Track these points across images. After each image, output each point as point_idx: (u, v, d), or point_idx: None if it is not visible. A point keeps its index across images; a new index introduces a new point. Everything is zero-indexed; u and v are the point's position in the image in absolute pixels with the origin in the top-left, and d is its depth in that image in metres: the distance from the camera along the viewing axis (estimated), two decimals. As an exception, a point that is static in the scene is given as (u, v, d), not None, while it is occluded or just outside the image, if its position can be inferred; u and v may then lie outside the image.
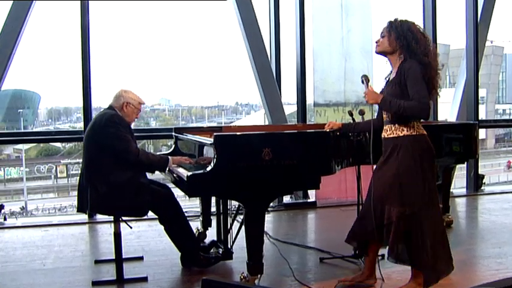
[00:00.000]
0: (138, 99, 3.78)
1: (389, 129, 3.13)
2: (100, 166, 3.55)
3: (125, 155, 3.52)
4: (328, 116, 6.25)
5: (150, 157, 3.67)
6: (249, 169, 3.20)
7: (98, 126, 3.61)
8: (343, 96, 6.26)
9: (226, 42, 34.39)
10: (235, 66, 22.13)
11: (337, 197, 6.23)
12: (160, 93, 34.09)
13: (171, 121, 30.39)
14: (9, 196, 23.12)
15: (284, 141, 3.37)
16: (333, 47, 6.31)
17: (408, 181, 3.04)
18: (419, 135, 3.09)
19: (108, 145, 3.53)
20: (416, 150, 3.06)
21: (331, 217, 5.71)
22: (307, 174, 3.36)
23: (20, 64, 33.60)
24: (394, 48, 3.09)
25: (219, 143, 3.23)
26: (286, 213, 5.76)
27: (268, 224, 5.00)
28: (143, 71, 38.99)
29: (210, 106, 31.05)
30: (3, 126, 24.56)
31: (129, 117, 3.74)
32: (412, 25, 3.10)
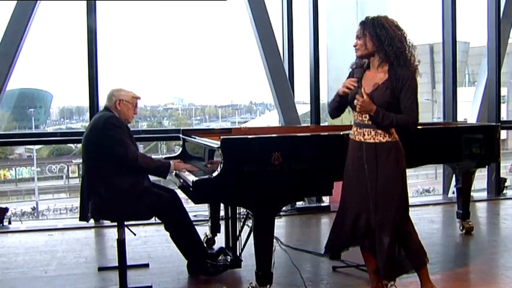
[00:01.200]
0: (131, 94, 3.68)
1: (367, 133, 3.03)
2: (101, 171, 3.46)
3: (123, 160, 3.43)
4: (343, 117, 5.98)
5: (149, 163, 3.56)
6: (258, 174, 3.11)
7: (95, 129, 3.52)
8: None
9: (240, 41, 34.22)
10: (249, 65, 22.06)
11: None
12: (174, 93, 34.25)
13: (184, 120, 30.50)
14: (21, 196, 23.30)
15: (295, 145, 3.27)
16: (348, 45, 5.99)
17: (393, 188, 3.00)
18: (397, 141, 3.04)
19: (107, 149, 3.44)
20: (398, 157, 3.02)
21: None
22: (319, 179, 3.28)
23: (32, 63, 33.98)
24: (372, 49, 2.99)
25: (226, 146, 3.15)
26: (299, 218, 5.63)
27: (279, 230, 5.00)
28: (156, 70, 39.13)
29: (224, 105, 31.11)
30: (14, 125, 24.76)
31: (125, 115, 3.63)
32: (384, 20, 2.99)
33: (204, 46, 37.80)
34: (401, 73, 2.94)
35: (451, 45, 6.74)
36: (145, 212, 3.51)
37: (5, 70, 5.33)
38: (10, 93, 25.23)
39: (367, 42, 2.99)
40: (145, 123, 29.63)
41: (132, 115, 3.72)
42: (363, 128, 3.05)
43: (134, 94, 3.71)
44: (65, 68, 38.38)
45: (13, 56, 5.33)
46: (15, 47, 5.31)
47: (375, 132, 3.01)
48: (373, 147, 3.00)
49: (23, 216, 20.26)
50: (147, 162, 3.54)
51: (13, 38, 5.28)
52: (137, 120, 29.47)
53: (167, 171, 3.59)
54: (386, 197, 2.98)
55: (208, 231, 4.61)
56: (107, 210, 3.46)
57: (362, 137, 3.05)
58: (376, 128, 3.00)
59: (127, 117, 3.67)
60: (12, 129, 24.83)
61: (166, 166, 3.60)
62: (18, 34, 5.28)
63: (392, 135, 3.01)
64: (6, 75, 5.36)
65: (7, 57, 5.32)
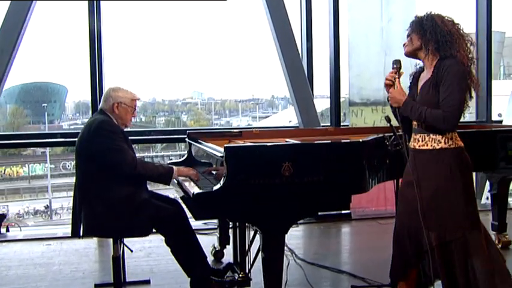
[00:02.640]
0: (131, 96, 3.49)
1: (421, 139, 2.82)
2: (95, 182, 3.27)
3: (120, 168, 3.24)
4: (365, 117, 5.88)
5: (150, 169, 3.36)
6: (266, 187, 2.88)
7: (86, 136, 3.33)
8: (382, 94, 5.80)
9: (261, 33, 33.89)
10: (272, 58, 21.67)
11: (375, 207, 5.90)
12: (193, 86, 34.16)
13: (203, 115, 30.46)
14: (34, 194, 23.47)
15: (307, 154, 3.01)
16: (371, 39, 5.92)
17: (449, 202, 2.76)
18: (458, 148, 2.79)
19: (101, 157, 3.25)
20: (456, 166, 2.77)
21: (367, 232, 5.37)
22: (335, 193, 3.03)
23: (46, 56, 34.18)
24: (417, 43, 2.82)
25: (229, 156, 2.90)
26: (317, 227, 5.41)
27: (295, 240, 4.83)
28: (175, 64, 39.12)
29: (245, 99, 30.94)
30: (28, 120, 24.95)
31: (123, 119, 3.45)
32: (435, 15, 2.81)
33: (224, 39, 37.69)
34: (443, 63, 2.72)
35: (485, 35, 6.45)
36: (143, 226, 3.31)
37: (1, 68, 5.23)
38: (24, 87, 25.46)
39: (413, 38, 2.84)
40: (162, 119, 29.65)
41: (131, 119, 3.54)
42: (417, 133, 2.85)
43: (133, 95, 3.52)
44: (81, 61, 38.50)
45: (9, 55, 5.23)
46: (11, 48, 5.22)
47: (428, 137, 2.79)
48: (427, 155, 2.79)
49: (36, 215, 20.46)
50: (147, 169, 3.34)
51: (8, 39, 5.21)
52: (154, 116, 29.54)
53: (170, 177, 3.40)
54: (443, 212, 2.76)
55: (216, 242, 4.41)
56: (100, 225, 3.26)
57: (416, 143, 2.85)
58: (430, 132, 2.77)
59: (124, 121, 3.49)
60: (26, 124, 25.08)
61: (168, 172, 3.40)
62: (13, 34, 5.21)
63: (452, 140, 2.78)
64: (3, 74, 5.25)
65: (3, 56, 5.22)
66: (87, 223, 3.27)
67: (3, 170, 24.20)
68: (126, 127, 3.55)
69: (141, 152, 23.62)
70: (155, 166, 3.45)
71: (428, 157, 2.78)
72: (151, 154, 24.68)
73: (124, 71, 35.67)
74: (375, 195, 5.81)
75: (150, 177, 3.37)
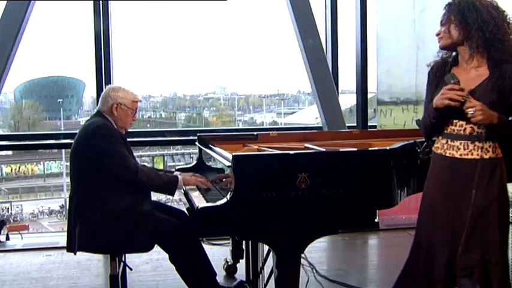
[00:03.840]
0: (131, 97, 3.32)
1: (463, 147, 2.56)
2: (91, 191, 3.11)
3: (119, 175, 3.08)
4: (395, 117, 5.60)
5: (153, 177, 3.18)
6: (279, 201, 2.67)
7: (82, 140, 3.17)
8: (414, 92, 5.56)
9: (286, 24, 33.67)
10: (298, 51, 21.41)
11: (405, 216, 5.60)
12: (215, 81, 34.15)
13: (226, 111, 30.42)
14: (49, 193, 23.62)
15: (326, 164, 2.80)
16: (402, 31, 5.64)
17: (496, 220, 2.53)
18: (502, 158, 2.57)
19: (97, 164, 3.08)
20: (503, 178, 2.56)
21: (396, 245, 5.07)
22: (358, 208, 2.82)
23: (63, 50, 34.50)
24: (458, 37, 2.54)
25: (238, 166, 2.70)
26: (341, 238, 5.16)
27: (316, 253, 4.60)
28: (197, 57, 39.16)
29: (269, 95, 30.79)
30: (44, 116, 25.16)
31: (122, 122, 3.29)
32: (477, 1, 2.52)
33: (248, 31, 37.52)
34: (510, 68, 2.48)
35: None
36: (143, 241, 3.13)
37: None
38: (40, 82, 25.69)
39: (451, 29, 2.56)
40: (183, 115, 29.69)
41: (131, 122, 3.37)
42: (456, 140, 2.58)
43: (134, 97, 3.35)
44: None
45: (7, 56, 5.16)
46: (8, 49, 5.15)
47: (473, 145, 2.54)
48: (472, 165, 2.53)
49: (51, 215, 20.59)
50: (149, 177, 3.17)
51: (5, 40, 5.14)
52: (174, 112, 29.58)
53: (174, 187, 3.22)
54: (490, 229, 2.53)
55: (229, 255, 4.21)
56: (96, 239, 3.08)
57: (456, 151, 2.59)
58: (477, 140, 2.53)
59: (124, 124, 3.32)
60: (42, 120, 25.28)
61: (173, 181, 3.23)
62: (11, 36, 5.14)
63: (497, 149, 2.56)
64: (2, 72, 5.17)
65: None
66: (81, 237, 3.10)
67: (17, 168, 24.42)
68: (126, 131, 3.39)
69: (159, 150, 23.63)
70: (158, 174, 3.26)
71: (473, 168, 2.52)
72: (171, 152, 24.68)
73: (144, 64, 35.82)
74: (405, 203, 5.48)
75: (152, 186, 3.20)
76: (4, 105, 27.14)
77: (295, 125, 18.47)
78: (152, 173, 3.22)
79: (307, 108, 26.46)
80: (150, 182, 3.15)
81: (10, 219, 19.55)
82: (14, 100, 26.33)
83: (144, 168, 3.24)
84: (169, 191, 3.24)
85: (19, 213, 20.50)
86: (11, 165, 24.24)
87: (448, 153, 2.61)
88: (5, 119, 26.38)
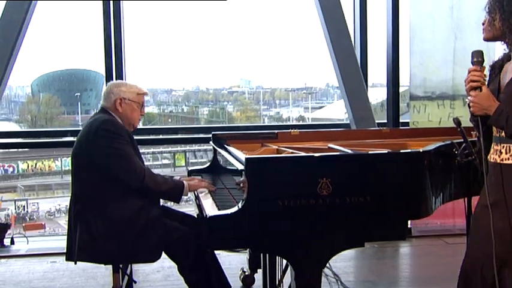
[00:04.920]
0: (136, 90, 3.18)
1: (505, 150, 2.40)
2: (93, 195, 2.98)
3: (124, 179, 2.95)
4: (430, 114, 5.44)
5: (159, 183, 3.04)
6: (297, 210, 2.53)
7: (85, 138, 3.03)
8: (450, 86, 5.39)
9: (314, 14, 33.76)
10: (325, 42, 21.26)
11: (441, 221, 5.47)
12: (240, 74, 34.19)
13: (250, 105, 30.45)
14: (67, 190, 23.75)
15: (350, 168, 2.64)
16: (438, 20, 5.47)
17: None
18: None
19: (100, 165, 2.96)
20: None
21: (431, 254, 4.93)
22: (386, 218, 2.64)
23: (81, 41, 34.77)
24: (501, 29, 2.37)
25: (251, 170, 2.54)
26: (370, 245, 4.97)
27: (342, 262, 4.50)
28: (221, 49, 39.17)
29: (296, 88, 30.82)
30: (61, 110, 25.39)
31: (129, 118, 3.15)
32: None
33: (274, 22, 37.31)
34: None
35: None
36: (150, 251, 2.99)
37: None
38: (57, 75, 25.92)
39: (496, 20, 2.38)
40: (206, 109, 29.78)
41: (138, 117, 3.23)
42: (499, 143, 2.43)
43: (139, 89, 3.21)
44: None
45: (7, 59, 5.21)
46: (9, 49, 5.21)
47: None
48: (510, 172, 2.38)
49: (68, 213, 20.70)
50: (156, 182, 3.03)
51: (6, 40, 5.21)
52: (197, 106, 29.64)
53: (179, 194, 3.10)
54: None
55: (246, 265, 4.06)
56: (97, 248, 2.95)
57: (498, 156, 2.43)
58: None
59: (131, 120, 3.17)
60: (60, 114, 25.52)
61: (178, 188, 3.10)
62: (12, 35, 5.20)
63: None
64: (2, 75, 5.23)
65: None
66: (81, 245, 2.97)
67: (34, 164, 24.68)
68: (134, 128, 3.24)
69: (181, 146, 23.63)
70: (164, 179, 3.11)
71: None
72: (193, 148, 24.66)
73: (166, 57, 35.92)
74: (442, 206, 5.37)
75: (159, 192, 3.07)
76: (21, 99, 27.50)
77: (323, 121, 18.32)
78: (159, 178, 3.08)
79: (336, 103, 26.33)
80: (156, 188, 3.02)
81: (26, 218, 19.79)
82: (31, 93, 26.63)
83: (152, 173, 3.10)
84: (174, 197, 3.12)
85: (35, 211, 20.68)
86: (27, 161, 24.53)
87: (492, 159, 2.44)
88: (21, 114, 26.71)
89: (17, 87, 27.63)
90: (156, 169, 23.12)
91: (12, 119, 26.84)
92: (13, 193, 22.75)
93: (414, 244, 5.18)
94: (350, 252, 4.79)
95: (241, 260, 4.29)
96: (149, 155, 24.50)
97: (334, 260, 2.72)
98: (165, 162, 25.85)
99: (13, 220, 18.91)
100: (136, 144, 3.14)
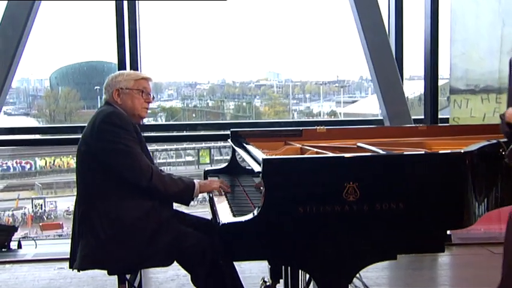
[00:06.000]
0: (134, 76, 3.06)
1: None
2: (97, 195, 2.87)
3: (129, 178, 2.84)
4: (472, 109, 5.31)
5: (169, 183, 2.92)
6: (320, 218, 2.41)
7: (89, 133, 2.93)
8: (496, 78, 5.25)
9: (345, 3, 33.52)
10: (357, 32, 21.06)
11: (485, 227, 5.34)
12: (268, 66, 34.08)
13: (279, 100, 30.36)
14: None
15: (380, 171, 2.51)
16: (483, 3, 5.36)
17: None
18: None
19: (105, 162, 2.85)
20: None
21: (474, 264, 4.80)
22: (421, 228, 2.51)
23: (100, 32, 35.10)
24: None
25: (268, 172, 2.42)
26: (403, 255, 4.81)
27: (375, 273, 4.42)
28: (248, 40, 39.11)
29: (328, 81, 30.60)
30: (81, 105, 25.55)
31: (131, 108, 3.02)
32: None
33: (303, 11, 37.13)
34: None
35: None
36: (161, 257, 2.87)
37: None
38: (77, 67, 26.12)
39: None
40: (232, 103, 29.77)
41: (142, 107, 3.07)
42: None
43: (137, 75, 3.09)
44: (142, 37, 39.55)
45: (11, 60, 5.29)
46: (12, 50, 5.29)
47: None
48: None
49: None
50: (164, 182, 2.91)
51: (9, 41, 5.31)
52: (222, 100, 29.65)
53: (190, 195, 3.00)
54: None
55: (267, 274, 3.91)
56: (101, 255, 2.83)
57: None
58: None
59: (135, 110, 3.04)
60: (80, 109, 25.69)
61: (189, 188, 2.99)
62: (15, 36, 5.30)
63: None
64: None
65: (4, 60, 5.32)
66: (86, 251, 2.86)
67: (52, 161, 24.85)
68: (141, 119, 3.14)
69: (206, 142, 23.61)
70: (173, 180, 2.98)
71: None
72: (218, 144, 24.61)
73: (190, 49, 36.04)
74: (485, 211, 5.24)
75: (167, 193, 2.94)
76: (39, 92, 27.79)
77: (356, 116, 18.14)
78: (168, 178, 2.95)
79: (371, 97, 26.09)
80: (164, 188, 2.90)
81: (43, 217, 19.96)
82: (49, 87, 26.88)
83: (160, 172, 2.97)
84: (184, 199, 3.01)
85: (53, 210, 20.80)
86: (45, 158, 24.70)
87: None
88: (40, 108, 26.98)
89: (35, 80, 27.95)
90: (179, 167, 23.27)
91: (30, 113, 27.14)
92: (30, 191, 22.92)
93: (454, 253, 5.05)
94: (381, 264, 4.67)
95: (262, 268, 4.18)
96: (172, 151, 24.55)
97: (364, 270, 2.60)
98: (189, 159, 25.89)
99: (29, 220, 19.13)
100: (143, 139, 3.03)
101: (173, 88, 30.02)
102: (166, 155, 24.39)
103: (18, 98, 27.81)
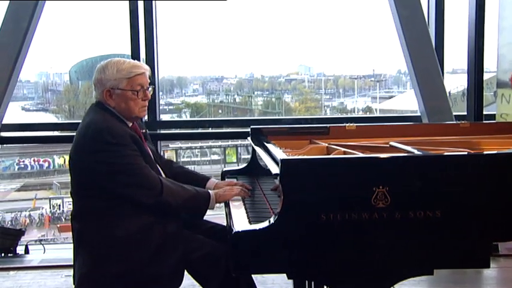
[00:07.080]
0: (125, 72, 2.79)
1: None
2: (96, 214, 2.77)
3: (135, 196, 2.72)
4: None
5: (181, 195, 2.81)
6: (345, 226, 2.32)
7: (80, 147, 2.79)
8: None
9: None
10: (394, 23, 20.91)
11: None
12: (299, 59, 34.03)
13: (311, 95, 30.35)
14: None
15: (416, 173, 2.41)
16: None
17: None
18: None
19: (105, 187, 2.73)
20: None
21: None
22: (463, 239, 2.40)
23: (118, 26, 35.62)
24: None
25: (286, 174, 2.32)
26: (445, 269, 4.69)
27: (411, 286, 4.18)
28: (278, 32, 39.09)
29: (363, 75, 30.56)
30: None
31: (126, 110, 2.84)
32: None
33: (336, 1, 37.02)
34: None
35: None
36: (168, 276, 2.76)
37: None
38: (96, 61, 26.31)
39: None
40: (260, 99, 29.80)
41: (140, 107, 2.87)
42: None
43: (129, 71, 2.81)
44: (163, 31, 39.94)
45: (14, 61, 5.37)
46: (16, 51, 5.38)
47: None
48: None
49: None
50: (175, 196, 2.79)
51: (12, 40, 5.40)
52: (250, 95, 29.68)
53: (205, 208, 2.88)
54: None
55: (291, 285, 3.83)
56: (99, 275, 2.73)
57: None
58: None
59: (131, 113, 2.86)
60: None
61: (204, 199, 2.88)
62: (18, 36, 5.39)
63: None
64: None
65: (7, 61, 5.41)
66: (82, 271, 2.77)
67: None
68: (137, 118, 2.93)
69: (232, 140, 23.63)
70: (185, 190, 2.86)
71: None
72: (245, 142, 24.67)
73: (217, 42, 36.14)
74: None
75: (178, 207, 2.83)
76: (58, 87, 28.08)
77: (394, 112, 17.94)
78: (179, 189, 2.84)
79: (409, 92, 25.85)
80: (175, 203, 2.79)
81: (61, 218, 20.12)
82: (69, 81, 27.15)
83: (169, 183, 2.83)
84: (198, 212, 2.91)
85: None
86: (64, 155, 24.90)
87: None
88: (59, 104, 27.27)
89: (54, 74, 28.22)
90: (204, 166, 23.29)
91: (49, 109, 27.42)
92: (48, 190, 23.17)
93: (502, 265, 4.88)
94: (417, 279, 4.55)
95: (285, 278, 4.05)
96: (197, 149, 24.65)
97: (399, 284, 2.50)
98: (215, 158, 25.97)
99: (47, 221, 19.29)
100: (143, 147, 2.85)
101: (198, 83, 30.16)
102: (191, 153, 24.48)
103: (36, 93, 28.13)
